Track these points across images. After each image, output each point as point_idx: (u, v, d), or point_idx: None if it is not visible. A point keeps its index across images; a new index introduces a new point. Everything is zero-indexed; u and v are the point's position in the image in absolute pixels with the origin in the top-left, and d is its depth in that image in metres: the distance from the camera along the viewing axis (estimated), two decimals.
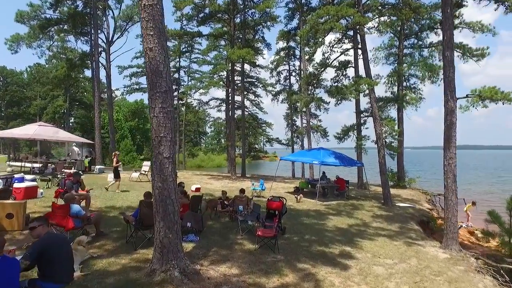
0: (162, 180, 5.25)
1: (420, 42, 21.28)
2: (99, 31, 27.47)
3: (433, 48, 20.59)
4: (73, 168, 17.27)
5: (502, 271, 7.53)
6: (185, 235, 7.10)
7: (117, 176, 12.66)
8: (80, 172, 13.53)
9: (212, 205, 9.53)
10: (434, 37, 20.62)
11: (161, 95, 5.25)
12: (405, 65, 20.28)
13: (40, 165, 17.47)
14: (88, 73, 37.43)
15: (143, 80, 37.40)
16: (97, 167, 20.14)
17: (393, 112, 22.07)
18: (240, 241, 7.41)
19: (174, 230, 5.29)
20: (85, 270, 5.14)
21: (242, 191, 9.65)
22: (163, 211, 5.25)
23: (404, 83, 21.54)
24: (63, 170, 15.10)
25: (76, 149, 20.01)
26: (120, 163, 13.71)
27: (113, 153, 14.30)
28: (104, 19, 29.47)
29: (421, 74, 19.99)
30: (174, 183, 5.40)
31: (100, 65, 27.32)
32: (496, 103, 8.39)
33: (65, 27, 26.78)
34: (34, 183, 10.45)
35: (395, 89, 21.45)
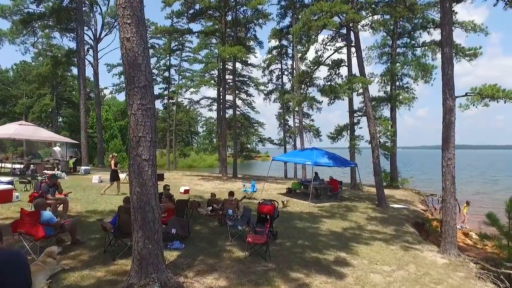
0: (140, 184, 4.74)
1: (413, 42, 21.14)
2: (86, 27, 26.66)
3: (426, 47, 20.47)
4: (56, 169, 16.52)
5: (501, 276, 7.26)
6: (170, 242, 6.63)
7: (113, 179, 12.09)
8: (60, 173, 12.81)
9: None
10: (427, 37, 20.55)
11: (140, 91, 4.74)
12: (398, 64, 20.08)
13: (22, 166, 16.65)
14: (75, 71, 36.40)
15: None
16: (83, 167, 19.37)
17: (386, 112, 21.94)
18: (229, 248, 6.94)
19: (155, 240, 4.79)
20: (54, 285, 4.60)
21: (231, 193, 9.17)
22: (142, 219, 4.74)
23: (397, 83, 21.38)
24: (44, 171, 14.36)
25: (58, 149, 19.16)
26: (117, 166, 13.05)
27: (111, 155, 13.57)
28: (91, 15, 28.67)
29: (414, 74, 19.82)
30: (154, 188, 4.89)
31: (87, 62, 26.50)
32: (497, 102, 8.08)
33: (50, 22, 25.84)
34: (9, 186, 9.78)
35: (388, 88, 21.29)
